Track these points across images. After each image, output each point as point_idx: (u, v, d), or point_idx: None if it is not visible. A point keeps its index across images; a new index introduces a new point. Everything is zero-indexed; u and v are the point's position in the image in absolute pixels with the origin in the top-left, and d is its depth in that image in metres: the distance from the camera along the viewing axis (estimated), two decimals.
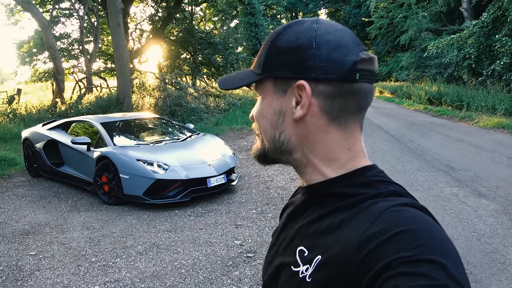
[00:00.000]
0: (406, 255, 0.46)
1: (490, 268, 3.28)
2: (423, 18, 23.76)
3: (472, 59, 14.51)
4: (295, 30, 0.62)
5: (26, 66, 20.69)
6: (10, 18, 19.84)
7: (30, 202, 5.33)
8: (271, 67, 0.63)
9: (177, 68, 21.21)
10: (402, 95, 21.63)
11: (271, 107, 0.64)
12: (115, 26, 11.03)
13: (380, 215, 0.53)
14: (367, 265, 0.49)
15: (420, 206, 0.56)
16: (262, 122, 0.66)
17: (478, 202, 4.79)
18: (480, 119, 11.64)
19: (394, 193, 0.59)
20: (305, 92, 0.60)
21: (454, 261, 0.47)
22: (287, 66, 0.61)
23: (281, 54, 0.62)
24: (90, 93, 14.63)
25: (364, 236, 0.52)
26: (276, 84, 0.63)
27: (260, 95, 0.67)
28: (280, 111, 0.63)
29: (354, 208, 0.58)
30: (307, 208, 0.66)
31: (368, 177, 0.62)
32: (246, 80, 0.66)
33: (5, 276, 3.34)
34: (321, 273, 0.56)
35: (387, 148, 8.27)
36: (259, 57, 0.65)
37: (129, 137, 6.05)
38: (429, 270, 0.45)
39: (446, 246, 0.49)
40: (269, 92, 0.64)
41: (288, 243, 0.68)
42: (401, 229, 0.49)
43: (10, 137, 9.31)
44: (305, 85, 0.60)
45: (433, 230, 0.51)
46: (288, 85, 0.62)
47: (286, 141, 0.64)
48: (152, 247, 3.87)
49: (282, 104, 0.63)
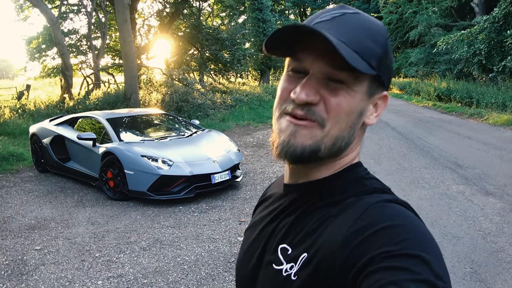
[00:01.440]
0: (390, 250, 0.48)
1: (495, 268, 3.23)
2: (433, 13, 23.42)
3: (482, 55, 14.30)
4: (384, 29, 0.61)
5: (35, 62, 20.87)
6: (20, 14, 20.00)
7: (37, 197, 5.38)
8: (382, 68, 0.58)
9: (184, 64, 21.22)
10: (410, 92, 21.41)
11: (359, 105, 0.59)
12: (122, 22, 11.06)
13: (364, 211, 0.54)
14: (352, 260, 0.50)
15: (403, 202, 0.57)
16: (346, 117, 0.58)
17: (485, 200, 4.73)
18: (489, 116, 11.48)
19: (378, 190, 0.60)
20: (385, 104, 0.62)
21: (436, 256, 0.48)
22: (388, 73, 0.60)
23: (389, 60, 0.60)
24: (98, 89, 14.72)
25: (349, 232, 0.53)
26: (372, 85, 0.59)
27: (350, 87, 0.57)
28: (362, 112, 0.60)
29: (339, 205, 0.59)
30: (291, 206, 0.65)
31: (358, 172, 0.63)
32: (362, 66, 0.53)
33: (10, 270, 3.39)
34: (308, 271, 0.56)
35: (394, 145, 8.20)
36: (368, 46, 0.56)
37: (135, 133, 6.08)
38: (412, 265, 0.46)
39: (428, 242, 0.50)
40: (363, 89, 0.58)
41: (268, 240, 0.67)
42: (385, 225, 0.51)
43: (19, 133, 9.42)
44: (388, 97, 0.62)
45: (416, 225, 0.52)
46: (377, 91, 0.61)
47: (350, 142, 0.61)
48: (155, 242, 3.89)
49: (365, 106, 0.61)
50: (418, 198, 4.90)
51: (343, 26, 0.56)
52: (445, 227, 4.03)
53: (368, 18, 0.59)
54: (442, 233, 3.89)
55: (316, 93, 0.56)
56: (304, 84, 0.57)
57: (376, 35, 0.58)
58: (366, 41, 0.56)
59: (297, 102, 0.57)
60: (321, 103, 0.57)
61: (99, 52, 16.07)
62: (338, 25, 0.56)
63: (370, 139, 8.75)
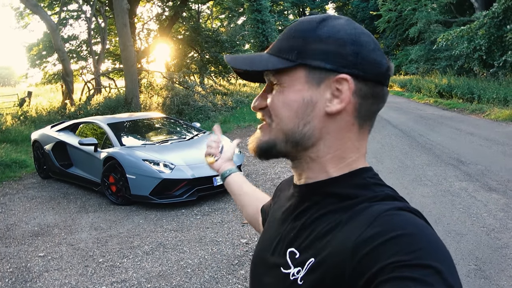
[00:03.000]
0: (402, 259, 0.46)
1: (499, 264, 3.22)
2: (432, 10, 23.40)
3: (483, 50, 14.25)
4: (334, 23, 0.61)
5: (36, 69, 20.96)
6: (20, 22, 20.10)
7: (39, 203, 5.40)
8: (309, 56, 0.60)
9: (184, 67, 21.26)
10: (411, 89, 21.35)
11: (299, 96, 0.61)
12: (121, 27, 11.09)
13: (376, 218, 0.53)
14: (362, 268, 0.49)
15: (415, 210, 0.55)
16: (283, 111, 0.62)
17: (488, 196, 4.71)
18: (491, 111, 11.44)
19: (389, 197, 0.58)
20: (348, 86, 0.59)
21: (448, 267, 0.47)
22: (328, 57, 0.60)
23: (321, 44, 0.60)
24: (99, 94, 14.77)
25: (359, 239, 0.52)
26: (311, 74, 0.60)
27: (280, 83, 0.62)
28: (309, 102, 0.61)
29: (350, 211, 0.58)
30: (300, 208, 0.65)
31: (366, 178, 0.62)
32: (274, 64, 0.62)
33: (14, 278, 3.40)
34: (314, 276, 0.55)
35: (396, 142, 8.19)
36: (288, 44, 0.62)
37: (136, 137, 6.09)
38: (424, 275, 0.45)
39: (441, 251, 0.49)
40: (299, 80, 0.61)
41: (277, 243, 0.67)
42: (397, 233, 0.49)
43: (21, 140, 9.46)
44: (349, 79, 0.59)
45: (428, 234, 0.51)
46: (325, 77, 0.60)
47: (308, 134, 0.61)
48: (158, 246, 3.89)
49: (314, 95, 0.60)
50: (421, 195, 4.88)
51: (277, 39, 0.67)
52: (448, 224, 4.02)
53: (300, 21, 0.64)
54: (445, 230, 3.87)
55: (263, 99, 0.66)
56: (259, 94, 0.68)
57: (298, 32, 0.62)
58: (287, 42, 0.63)
59: (253, 109, 0.69)
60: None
61: (99, 57, 16.12)
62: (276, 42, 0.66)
63: (371, 137, 8.70)
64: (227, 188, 1.16)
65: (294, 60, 0.61)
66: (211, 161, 1.17)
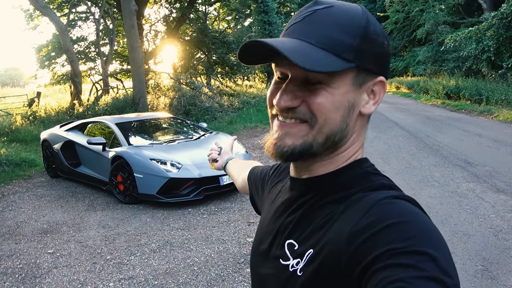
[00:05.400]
0: (397, 247, 0.47)
1: (507, 265, 3.20)
2: (440, 11, 23.28)
3: (491, 51, 14.13)
4: (374, 22, 0.60)
5: (45, 70, 21.17)
6: (29, 23, 20.34)
7: (48, 201, 5.47)
8: (363, 57, 0.58)
9: (191, 68, 21.37)
10: (419, 90, 21.23)
11: (345, 99, 0.59)
12: (129, 28, 11.18)
13: (371, 207, 0.53)
14: (358, 257, 0.50)
15: (410, 199, 0.56)
16: (333, 114, 0.58)
17: (496, 198, 4.68)
18: (499, 113, 11.34)
19: (385, 186, 0.59)
20: (383, 88, 0.62)
21: (443, 253, 0.47)
22: (375, 59, 0.60)
23: (372, 45, 0.58)
24: (107, 94, 14.88)
25: (355, 228, 0.52)
26: (359, 75, 0.59)
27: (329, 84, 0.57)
28: (352, 104, 0.60)
29: (346, 200, 0.58)
30: (299, 201, 0.66)
31: (364, 168, 0.63)
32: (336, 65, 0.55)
33: (24, 274, 3.45)
34: (313, 266, 0.56)
35: (403, 144, 8.15)
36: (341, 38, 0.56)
37: (143, 137, 6.14)
38: (419, 262, 0.45)
39: (436, 238, 0.49)
40: (346, 82, 0.58)
41: (275, 234, 0.68)
42: (392, 221, 0.50)
43: (30, 139, 9.56)
44: (385, 82, 0.62)
45: (424, 222, 0.51)
46: (368, 79, 0.60)
47: (345, 134, 0.61)
48: (165, 244, 3.92)
49: (356, 97, 0.60)
50: (428, 196, 4.86)
51: (313, 25, 0.58)
52: (455, 225, 4.00)
53: (341, 9, 0.59)
54: (452, 231, 3.86)
55: (295, 97, 0.59)
56: (282, 90, 0.59)
57: (350, 26, 0.57)
58: (338, 35, 0.56)
59: (279, 108, 0.60)
60: (304, 105, 0.59)
61: (107, 58, 16.25)
62: (307, 26, 0.58)
63: (378, 138, 8.71)
64: (229, 175, 1.23)
65: (352, 61, 0.57)
66: (214, 167, 1.30)
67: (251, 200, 1.01)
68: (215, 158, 1.29)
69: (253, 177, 0.99)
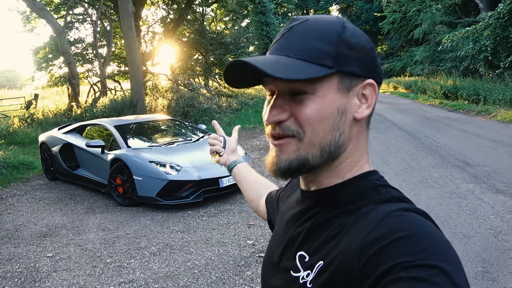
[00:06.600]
0: (408, 260, 0.46)
1: (507, 266, 3.20)
2: (437, 11, 23.33)
3: (488, 51, 14.19)
4: (351, 27, 0.61)
5: (43, 72, 21.14)
6: (26, 25, 20.31)
7: (47, 204, 5.45)
8: (343, 62, 0.58)
9: (189, 69, 21.37)
10: (416, 90, 21.28)
11: (333, 106, 0.58)
12: (127, 30, 11.16)
13: (382, 220, 0.53)
14: (369, 270, 0.49)
15: (421, 212, 0.55)
16: (321, 124, 0.58)
17: (495, 198, 4.69)
18: (497, 112, 11.38)
19: (395, 198, 0.58)
20: (374, 91, 0.61)
21: (455, 267, 0.46)
22: (358, 63, 0.59)
23: (352, 50, 0.59)
24: (105, 96, 14.86)
25: (366, 240, 0.52)
26: (343, 81, 0.59)
27: (314, 92, 0.58)
28: (343, 110, 0.59)
29: (357, 213, 0.58)
30: (309, 213, 0.66)
31: (372, 181, 0.62)
32: (310, 72, 0.56)
33: (23, 278, 3.43)
34: (323, 279, 0.56)
35: (401, 144, 8.16)
36: (316, 47, 0.57)
37: (142, 139, 6.13)
38: (431, 275, 0.44)
39: (448, 252, 0.48)
40: (332, 89, 0.58)
41: (287, 246, 0.68)
42: (403, 234, 0.49)
43: (28, 142, 9.54)
44: (374, 84, 0.61)
45: (435, 235, 0.50)
46: (354, 83, 0.60)
47: (340, 143, 0.60)
48: (165, 247, 3.91)
49: (345, 103, 0.59)
50: (427, 197, 4.87)
51: (290, 40, 0.60)
52: (455, 226, 4.01)
53: (315, 21, 0.60)
54: (452, 232, 3.86)
55: (283, 111, 0.59)
56: (271, 106, 0.60)
57: (325, 34, 0.58)
58: (314, 44, 0.58)
59: (269, 124, 0.61)
60: (292, 118, 0.59)
61: (105, 60, 16.23)
62: (285, 41, 0.60)
63: (377, 139, 8.72)
64: (234, 178, 1.18)
65: (331, 67, 0.57)
66: (217, 159, 1.20)
67: (269, 223, 0.99)
68: (219, 151, 1.21)
69: (270, 199, 0.99)
